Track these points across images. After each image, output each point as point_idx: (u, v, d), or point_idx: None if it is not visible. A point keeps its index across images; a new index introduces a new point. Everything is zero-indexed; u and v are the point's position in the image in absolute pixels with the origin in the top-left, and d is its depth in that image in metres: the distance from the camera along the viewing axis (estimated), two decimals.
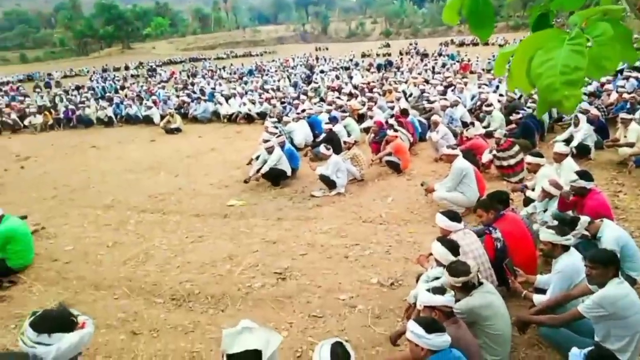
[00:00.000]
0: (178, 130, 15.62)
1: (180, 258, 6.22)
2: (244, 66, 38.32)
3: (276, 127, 11.17)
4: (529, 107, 11.17)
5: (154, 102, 18.70)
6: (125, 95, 21.83)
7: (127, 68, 47.34)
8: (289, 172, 9.03)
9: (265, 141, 9.12)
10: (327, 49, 59.98)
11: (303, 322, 4.54)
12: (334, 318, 4.58)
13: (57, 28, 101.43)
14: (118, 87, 30.31)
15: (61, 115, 18.82)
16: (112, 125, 17.96)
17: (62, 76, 44.41)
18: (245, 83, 26.03)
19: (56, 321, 2.15)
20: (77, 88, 29.10)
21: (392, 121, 10.24)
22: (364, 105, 14.15)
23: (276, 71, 33.01)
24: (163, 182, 9.95)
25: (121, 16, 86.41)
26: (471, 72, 24.96)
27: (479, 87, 15.43)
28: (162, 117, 16.59)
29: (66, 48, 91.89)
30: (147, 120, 17.29)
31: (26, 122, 18.41)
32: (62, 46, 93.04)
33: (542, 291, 4.07)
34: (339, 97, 15.69)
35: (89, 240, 7.07)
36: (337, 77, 24.94)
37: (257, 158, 9.44)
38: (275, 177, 8.94)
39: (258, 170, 8.97)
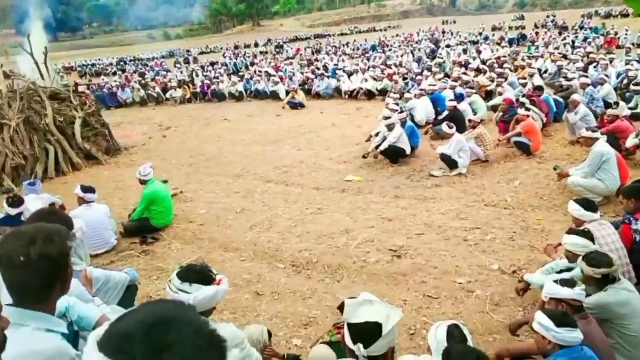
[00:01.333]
0: (301, 105, 16.13)
1: (300, 227, 6.51)
2: (367, 42, 38.11)
3: (397, 104, 11.04)
4: None
5: (280, 78, 19.45)
6: (255, 72, 22.96)
7: (256, 45, 49.63)
8: (408, 150, 8.92)
9: (386, 118, 9.07)
10: (454, 22, 57.30)
11: (417, 301, 4.53)
12: (449, 300, 4.51)
13: (195, 7, 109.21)
14: (248, 63, 31.99)
15: (198, 89, 20.40)
16: (242, 99, 19.08)
17: (199, 52, 47.92)
18: (368, 59, 25.93)
19: (198, 274, 2.40)
20: (212, 64, 31.22)
21: (523, 99, 9.58)
22: (492, 81, 13.36)
23: (399, 46, 32.37)
24: (286, 155, 10.41)
25: None
26: (618, 47, 22.27)
27: (627, 64, 13.73)
28: (287, 93, 17.22)
29: (203, 26, 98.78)
30: (274, 96, 18.07)
31: (168, 95, 20.36)
32: (199, 24, 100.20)
33: None
34: (465, 73, 14.99)
35: (220, 205, 7.67)
36: (464, 52, 23.78)
37: (377, 135, 9.44)
38: (394, 155, 8.88)
39: (377, 147, 8.98)
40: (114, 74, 34.28)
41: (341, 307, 2.13)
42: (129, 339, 0.81)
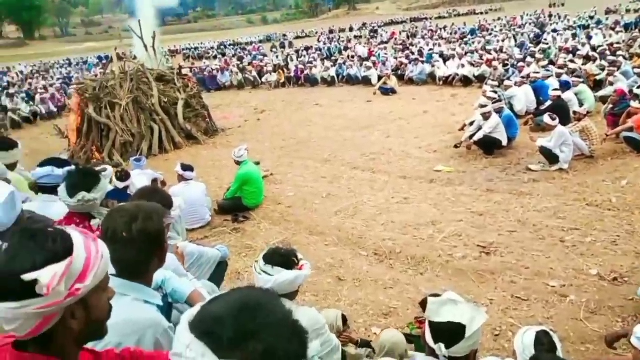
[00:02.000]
0: (393, 91, 15.89)
1: (385, 216, 6.46)
2: (466, 25, 36.55)
3: (495, 92, 10.49)
4: None
5: (373, 64, 19.26)
6: (348, 56, 22.95)
7: (351, 29, 49.55)
8: (504, 142, 8.48)
9: (482, 106, 8.68)
10: (563, 4, 53.10)
11: (505, 302, 4.34)
12: (540, 304, 4.26)
13: None
14: (342, 47, 32.03)
15: (292, 74, 20.81)
16: (334, 84, 19.18)
17: (295, 37, 48.82)
18: (466, 43, 24.86)
19: (282, 257, 2.48)
20: (307, 49, 31.65)
21: (638, 91, 8.68)
22: (603, 70, 12.26)
23: (501, 30, 30.68)
24: (375, 142, 10.34)
25: None
26: None
27: None
28: (380, 78, 17.03)
29: (300, 10, 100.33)
30: (366, 81, 17.96)
31: (263, 79, 20.98)
32: (296, 8, 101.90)
33: None
34: (572, 60, 13.89)
35: (308, 189, 7.82)
36: (573, 37, 22.01)
37: (471, 124, 9.07)
38: (489, 146, 8.49)
39: (471, 137, 8.63)
40: (215, 57, 35.97)
41: (423, 304, 2.10)
42: (218, 323, 0.86)
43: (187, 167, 6.59)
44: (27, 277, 1.03)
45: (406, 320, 4.02)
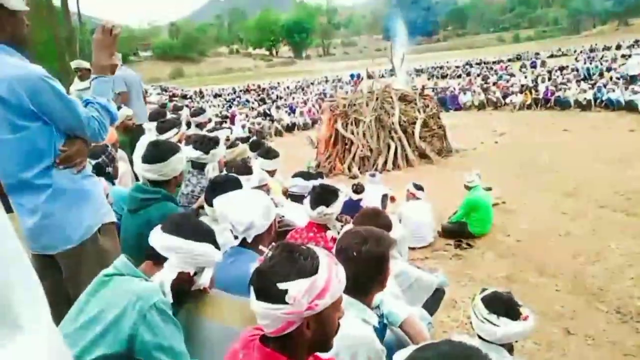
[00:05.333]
0: None
1: (636, 269, 5.52)
2: None
3: None
4: None
5: None
6: (610, 78, 20.20)
7: (618, 47, 43.36)
8: None
9: None
10: None
11: None
12: None
13: (553, 6, 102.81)
14: (604, 68, 28.34)
15: (540, 95, 19.35)
16: (589, 109, 17.14)
17: (549, 55, 45.09)
18: None
19: (506, 306, 2.36)
20: (561, 69, 28.98)
21: None
22: None
23: None
24: (634, 179, 8.87)
25: None
26: None
27: None
28: None
29: (558, 27, 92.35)
30: (630, 107, 15.54)
31: (507, 100, 20.00)
32: (554, 25, 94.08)
33: None
34: None
35: (543, 224, 7.19)
36: None
37: None
38: None
39: None
40: (459, 76, 35.76)
41: None
42: None
43: (419, 187, 6.82)
44: (282, 286, 1.29)
45: None
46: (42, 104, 2.09)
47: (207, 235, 1.92)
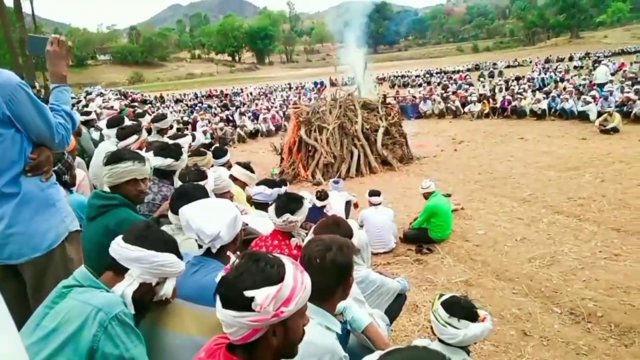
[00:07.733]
0: (615, 130, 14.05)
1: (587, 272, 5.77)
2: None
3: None
4: None
5: (593, 98, 17.32)
6: (564, 89, 21.04)
7: (570, 59, 45.30)
8: None
9: None
10: None
11: None
12: None
13: (510, 19, 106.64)
14: (558, 79, 29.51)
15: (498, 105, 19.95)
16: (544, 118, 17.81)
17: (506, 66, 46.67)
18: None
19: (465, 310, 2.46)
20: (517, 79, 29.92)
21: None
22: None
23: None
24: (585, 185, 9.29)
25: (575, 4, 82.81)
26: None
27: None
28: (599, 115, 15.25)
29: (514, 38, 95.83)
30: (582, 117, 16.26)
31: (466, 109, 20.54)
32: (511, 36, 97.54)
33: None
34: None
35: (500, 229, 7.42)
36: None
37: None
38: None
39: None
40: (420, 85, 36.46)
41: None
42: None
43: (373, 193, 6.96)
44: (249, 294, 1.30)
45: None
46: (18, 110, 2.09)
47: (169, 245, 1.90)
